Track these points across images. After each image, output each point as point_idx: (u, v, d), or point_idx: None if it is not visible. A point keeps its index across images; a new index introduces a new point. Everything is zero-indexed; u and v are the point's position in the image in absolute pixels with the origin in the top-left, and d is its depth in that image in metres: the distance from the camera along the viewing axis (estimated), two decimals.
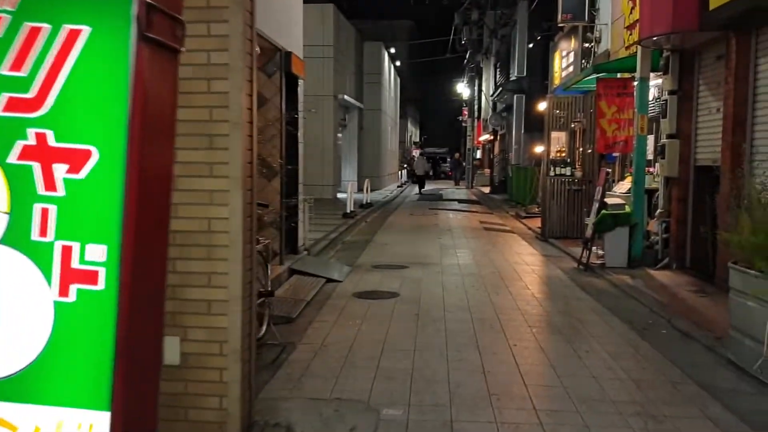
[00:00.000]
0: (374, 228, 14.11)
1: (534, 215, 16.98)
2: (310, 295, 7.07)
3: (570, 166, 13.07)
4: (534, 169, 19.58)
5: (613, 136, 9.66)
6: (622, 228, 9.17)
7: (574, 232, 12.78)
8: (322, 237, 11.68)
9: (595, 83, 10.96)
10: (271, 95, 8.02)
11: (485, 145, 43.39)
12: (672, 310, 6.67)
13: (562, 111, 13.24)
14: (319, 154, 23.49)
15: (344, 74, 26.07)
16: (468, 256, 10.27)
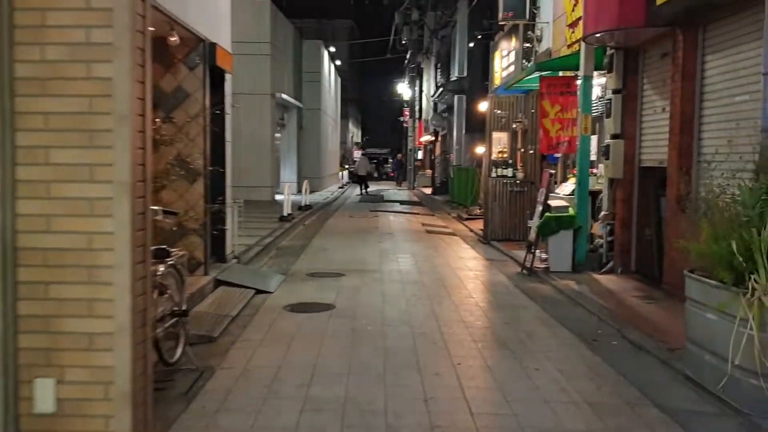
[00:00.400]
0: (312, 232, 13.51)
1: (476, 217, 16.71)
2: (236, 310, 6.44)
3: (512, 167, 12.78)
4: (475, 169, 19.36)
5: (557, 137, 9.36)
6: (566, 231, 8.87)
7: (516, 234, 12.50)
8: (255, 242, 11.01)
9: (537, 82, 10.66)
10: (193, 90, 7.35)
11: (427, 145, 43.27)
12: (621, 318, 6.34)
13: (503, 111, 12.95)
14: (255, 155, 22.71)
15: (282, 72, 25.33)
16: (409, 261, 9.80)
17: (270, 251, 10.58)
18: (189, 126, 7.29)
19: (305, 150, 30.26)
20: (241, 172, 23.79)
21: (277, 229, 13.20)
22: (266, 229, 12.96)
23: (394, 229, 14.46)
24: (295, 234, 13.13)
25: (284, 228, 13.61)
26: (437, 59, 34.09)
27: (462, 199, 20.86)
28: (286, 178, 27.79)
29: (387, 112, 75.41)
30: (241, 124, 23.45)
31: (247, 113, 23.08)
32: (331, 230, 13.93)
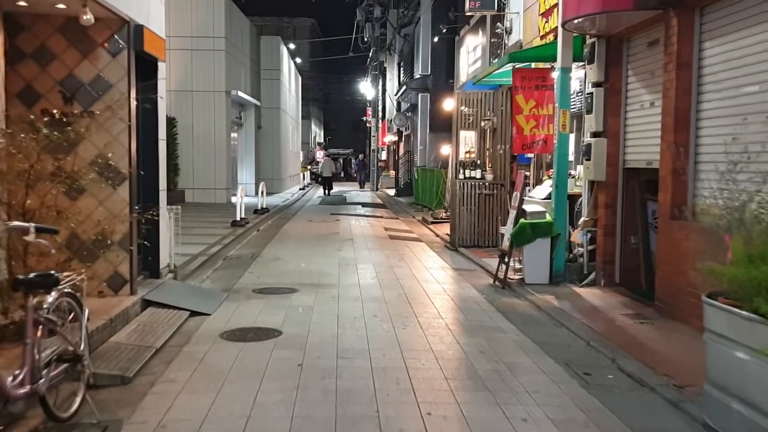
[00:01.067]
0: (266, 238, 12.45)
1: (442, 221, 15.85)
2: (162, 339, 5.40)
3: (480, 169, 11.95)
4: (441, 171, 18.53)
5: (532, 135, 8.51)
6: (543, 239, 8.04)
7: (486, 240, 11.67)
8: (200, 252, 9.94)
9: (508, 76, 9.82)
10: (116, 79, 6.28)
11: (390, 146, 42.43)
12: (613, 343, 5.50)
13: (470, 108, 12.10)
14: (209, 155, 21.53)
15: (238, 69, 24.17)
16: (371, 272, 8.85)
17: (216, 262, 9.51)
18: (111, 121, 6.23)
19: (264, 150, 29.09)
20: (195, 174, 22.62)
21: (227, 236, 12.12)
22: (215, 236, 11.88)
23: (356, 234, 13.49)
24: (247, 241, 12.06)
25: (236, 234, 12.54)
26: (400, 57, 33.24)
27: (427, 202, 20.01)
28: (244, 179, 26.62)
29: (350, 112, 74.44)
30: (193, 124, 22.27)
31: (201, 112, 21.90)
32: (287, 236, 12.90)
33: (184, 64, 21.38)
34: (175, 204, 19.61)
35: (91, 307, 5.68)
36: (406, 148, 31.84)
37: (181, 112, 21.23)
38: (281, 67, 30.63)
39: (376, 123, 35.86)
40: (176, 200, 20.82)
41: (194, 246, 10.34)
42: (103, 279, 6.25)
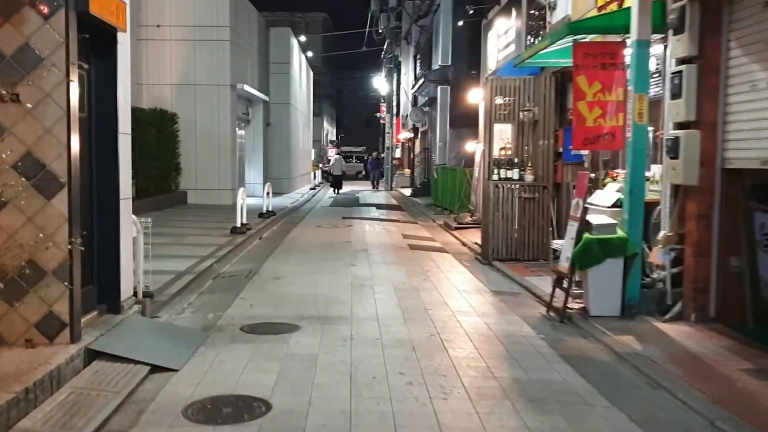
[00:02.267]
0: (268, 249, 10.78)
1: (467, 226, 14.13)
2: (99, 418, 3.73)
3: (518, 168, 10.20)
4: (464, 170, 16.80)
5: (596, 126, 6.75)
6: (613, 260, 6.31)
7: (525, 252, 9.94)
8: (187, 268, 8.28)
9: (558, 57, 8.11)
10: (50, 51, 4.61)
11: (405, 143, 40.73)
12: (748, 423, 3.77)
13: (506, 98, 10.35)
14: (213, 154, 19.94)
15: (245, 62, 22.54)
16: (391, 298, 7.14)
17: (203, 282, 7.84)
18: (45, 108, 4.57)
19: (273, 148, 27.49)
20: (198, 174, 21.03)
21: (223, 246, 10.47)
22: (210, 246, 10.23)
23: (371, 243, 11.77)
24: (246, 253, 10.39)
25: (234, 243, 10.88)
26: (416, 50, 31.52)
27: (448, 204, 18.28)
28: (252, 179, 25.02)
29: (363, 108, 72.86)
30: (196, 119, 20.67)
31: (204, 107, 20.29)
32: (293, 246, 11.21)
33: (186, 56, 19.79)
34: (178, 206, 18.08)
35: (7, 365, 4.06)
36: (422, 145, 30.13)
37: (183, 107, 19.67)
38: (291, 61, 28.99)
39: (391, 119, 34.15)
40: (178, 202, 19.25)
41: (182, 260, 8.71)
42: (32, 322, 4.60)
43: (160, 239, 11.14)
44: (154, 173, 17.33)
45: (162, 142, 18.04)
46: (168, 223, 13.65)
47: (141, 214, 15.27)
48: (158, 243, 10.58)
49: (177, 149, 19.28)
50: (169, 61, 19.80)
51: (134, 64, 19.13)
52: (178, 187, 19.41)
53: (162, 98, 19.64)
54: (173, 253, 9.54)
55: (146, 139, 16.82)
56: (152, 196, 17.08)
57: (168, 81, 19.81)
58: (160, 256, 9.14)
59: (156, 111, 18.06)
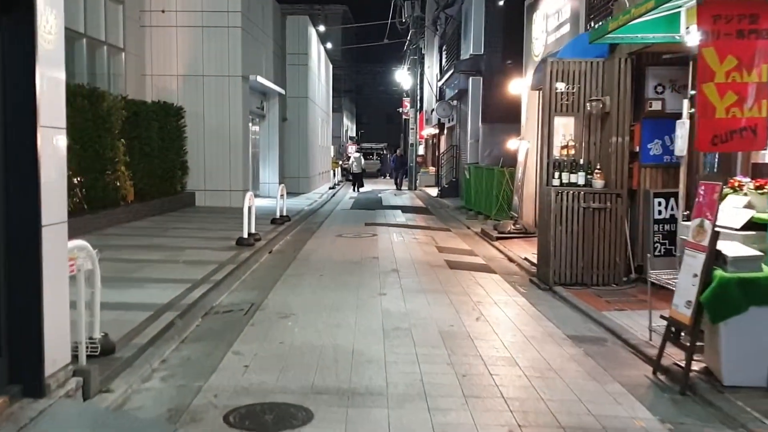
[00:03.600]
0: (278, 269, 8.96)
1: (511, 236, 12.22)
2: None
3: (584, 171, 8.29)
4: (502, 170, 14.89)
5: (730, 119, 4.83)
6: (760, 308, 4.39)
7: (596, 276, 8.05)
8: (171, 300, 6.49)
9: (654, 29, 6.18)
10: None
11: (429, 140, 38.80)
12: None
13: (569, 84, 8.42)
14: (224, 151, 18.18)
15: (259, 51, 20.77)
16: (440, 355, 5.24)
17: (189, 324, 6.01)
18: None
19: (290, 145, 25.75)
20: (207, 173, 19.25)
21: (225, 264, 8.68)
22: (208, 264, 8.45)
23: (401, 260, 9.89)
24: (251, 274, 8.57)
25: (238, 260, 9.09)
26: (442, 40, 29.56)
27: (483, 207, 16.37)
28: (267, 178, 23.29)
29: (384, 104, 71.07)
30: (204, 114, 18.91)
31: (213, 100, 18.51)
32: (308, 265, 9.37)
33: (193, 44, 18.05)
34: (183, 209, 16.32)
35: None
36: (449, 142, 28.19)
37: (191, 100, 17.94)
38: (309, 52, 27.18)
39: (415, 114, 32.22)
40: (184, 205, 17.52)
41: (169, 286, 6.94)
42: None
43: (150, 255, 9.40)
44: (157, 173, 15.62)
45: (166, 138, 16.32)
46: (167, 232, 11.91)
47: (142, 219, 13.58)
48: (146, 261, 8.89)
49: (183, 146, 17.55)
50: (175, 49, 18.07)
51: (137, 53, 17.41)
52: (184, 188, 17.70)
53: (167, 90, 17.93)
54: (161, 276, 7.77)
55: (148, 136, 15.11)
56: (155, 199, 15.38)
57: (174, 72, 18.08)
58: (144, 281, 7.41)
59: (159, 104, 16.34)
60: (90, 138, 12.28)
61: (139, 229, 12.28)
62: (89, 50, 14.92)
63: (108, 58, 15.94)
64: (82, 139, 12.01)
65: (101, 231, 11.62)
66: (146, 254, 9.37)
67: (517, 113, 16.91)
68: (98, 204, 12.54)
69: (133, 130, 14.49)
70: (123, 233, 11.58)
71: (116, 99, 13.75)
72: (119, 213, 13.17)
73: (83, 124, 12.04)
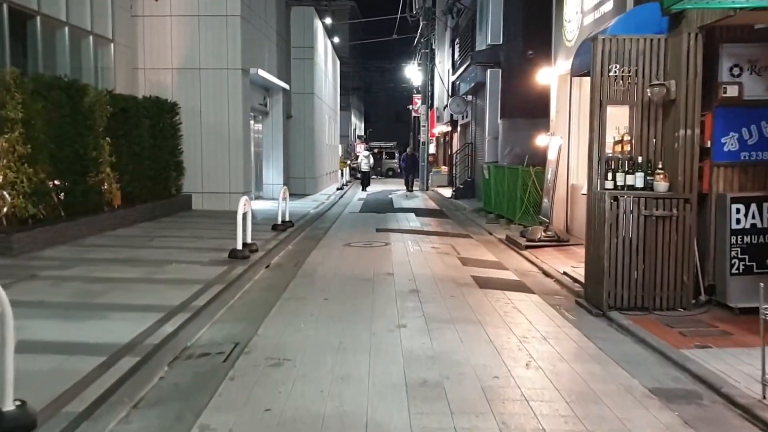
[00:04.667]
0: (274, 290, 7.54)
1: (542, 244, 10.79)
2: None
3: (643, 171, 6.84)
4: (527, 170, 13.44)
5: None
6: None
7: (656, 298, 6.62)
8: (134, 338, 5.10)
9: None
10: None
11: (440, 137, 37.39)
12: None
13: (623, 67, 6.96)
14: (222, 150, 16.82)
15: (261, 43, 19.41)
16: (486, 424, 3.79)
17: (147, 380, 4.54)
18: None
19: (295, 144, 24.40)
20: (204, 174, 17.77)
21: (212, 284, 7.28)
22: (191, 285, 7.07)
23: (420, 276, 8.45)
24: (239, 300, 7.12)
25: (228, 279, 7.69)
26: (454, 33, 28.11)
27: (505, 211, 14.92)
28: (271, 179, 21.93)
29: (392, 102, 69.79)
30: (201, 110, 17.51)
31: (211, 95, 17.11)
32: (311, 284, 7.93)
33: (188, 34, 16.69)
34: (178, 213, 14.90)
35: None
36: (463, 139, 26.75)
37: (186, 96, 16.59)
38: (315, 45, 25.78)
39: (426, 111, 30.77)
40: (179, 209, 16.13)
41: (138, 317, 5.58)
42: None
43: (125, 271, 8.00)
44: (148, 174, 14.26)
45: (159, 137, 14.96)
46: (153, 242, 10.55)
47: (129, 226, 12.20)
48: (119, 280, 7.41)
49: (178, 145, 16.19)
50: (169, 40, 16.72)
51: (128, 45, 16.02)
52: (180, 191, 16.34)
53: (162, 85, 16.59)
54: (132, 301, 6.40)
55: (137, 134, 13.75)
56: (146, 203, 14.03)
57: (168, 65, 16.73)
58: (108, 309, 6.03)
59: (150, 99, 14.97)
60: (68, 136, 10.94)
61: (122, 238, 10.92)
62: (73, 41, 13.57)
63: (95, 50, 14.60)
64: (58, 137, 10.67)
65: (79, 241, 10.28)
66: (121, 271, 8.00)
67: (540, 107, 15.48)
68: (78, 210, 11.20)
69: (121, 128, 13.15)
70: (103, 243, 10.22)
71: (100, 93, 12.41)
72: (102, 220, 11.82)
73: (60, 121, 10.71)
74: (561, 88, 12.09)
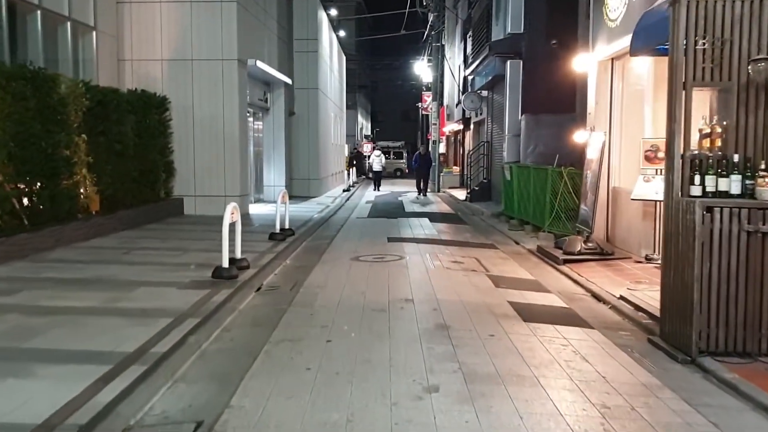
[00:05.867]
0: (261, 328, 5.90)
1: (582, 258, 9.19)
2: None
3: (740, 173, 5.23)
4: (559, 170, 11.86)
5: None
6: None
7: (765, 341, 4.98)
8: (48, 418, 3.53)
9: None
10: None
11: (451, 137, 35.80)
12: None
13: (714, 38, 5.35)
14: (218, 149, 15.27)
15: (261, 33, 17.87)
16: None
17: None
18: None
19: (298, 143, 22.86)
20: (197, 175, 16.16)
21: (182, 319, 5.71)
22: (156, 320, 5.49)
23: (447, 302, 6.84)
24: (214, 343, 5.53)
25: (204, 311, 6.11)
26: (467, 26, 26.53)
27: (531, 217, 13.32)
28: (272, 181, 20.39)
29: (399, 101, 68.33)
30: (194, 105, 15.93)
31: (204, 88, 15.55)
32: (308, 318, 6.30)
33: (179, 22, 15.14)
34: (167, 219, 13.18)
35: None
36: (477, 138, 25.14)
37: (177, 89, 15.05)
38: (320, 37, 24.22)
39: (437, 108, 29.16)
40: (168, 214, 14.58)
41: (70, 372, 4.07)
42: None
43: (81, 297, 6.40)
44: (133, 176, 12.74)
45: (145, 134, 13.44)
46: (128, 255, 9.02)
47: (106, 235, 10.62)
48: (68, 310, 5.69)
49: (168, 144, 14.67)
50: (159, 29, 15.17)
51: (112, 33, 14.44)
52: (170, 194, 14.80)
53: (151, 78, 15.05)
54: (71, 345, 4.84)
55: (120, 131, 12.22)
56: (129, 208, 12.51)
57: (158, 55, 15.18)
58: (35, 359, 4.52)
59: (136, 93, 13.44)
60: (33, 133, 9.41)
61: (94, 250, 9.39)
62: (47, 27, 12.04)
63: (74, 39, 13.08)
64: (20, 134, 9.16)
65: (43, 254, 8.76)
66: (76, 297, 6.45)
67: (566, 101, 13.96)
68: (45, 218, 9.69)
69: (100, 124, 11.62)
70: (69, 258, 8.68)
71: (75, 84, 10.89)
72: (74, 229, 10.28)
73: (23, 116, 9.19)
74: (601, 76, 10.49)
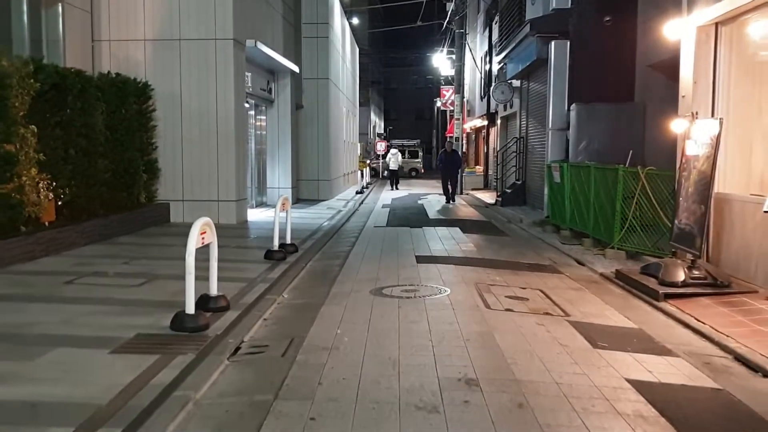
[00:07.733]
0: None
1: (692, 291, 6.65)
2: None
3: None
4: (635, 171, 9.35)
5: None
6: None
7: None
8: None
9: None
10: None
11: (471, 134, 33.32)
12: None
13: None
14: (210, 146, 12.84)
15: (262, 11, 15.42)
16: None
17: None
18: None
19: (306, 140, 20.42)
20: (186, 177, 13.32)
21: (96, 425, 3.24)
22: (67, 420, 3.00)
23: (530, 383, 4.35)
24: None
25: (132, 409, 3.66)
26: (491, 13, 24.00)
27: (590, 228, 10.76)
28: (278, 182, 17.94)
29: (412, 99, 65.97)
30: (182, 93, 13.47)
31: (194, 74, 13.09)
32: (307, 421, 3.84)
33: None
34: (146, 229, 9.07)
35: None
36: (505, 134, 22.58)
37: (162, 75, 12.66)
38: (331, 22, 21.75)
39: (460, 101, 26.62)
40: (150, 222, 12.03)
41: None
42: None
43: None
44: (103, 178, 10.35)
45: (120, 127, 11.04)
46: (68, 287, 6.57)
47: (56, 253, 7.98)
48: None
49: (151, 139, 12.26)
50: (141, 3, 12.77)
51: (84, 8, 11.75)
52: (153, 199, 12.38)
53: (132, 61, 12.67)
54: None
55: (85, 123, 9.84)
56: (97, 217, 10.13)
57: (140, 35, 12.78)
58: None
59: (108, 77, 11.04)
60: None
61: (26, 277, 6.98)
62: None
63: (33, 12, 10.71)
64: None
65: None
66: None
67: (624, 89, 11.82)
68: None
69: (56, 113, 9.27)
70: None
71: (19, 62, 8.51)
72: (13, 247, 7.89)
73: None
74: (701, 47, 7.94)
